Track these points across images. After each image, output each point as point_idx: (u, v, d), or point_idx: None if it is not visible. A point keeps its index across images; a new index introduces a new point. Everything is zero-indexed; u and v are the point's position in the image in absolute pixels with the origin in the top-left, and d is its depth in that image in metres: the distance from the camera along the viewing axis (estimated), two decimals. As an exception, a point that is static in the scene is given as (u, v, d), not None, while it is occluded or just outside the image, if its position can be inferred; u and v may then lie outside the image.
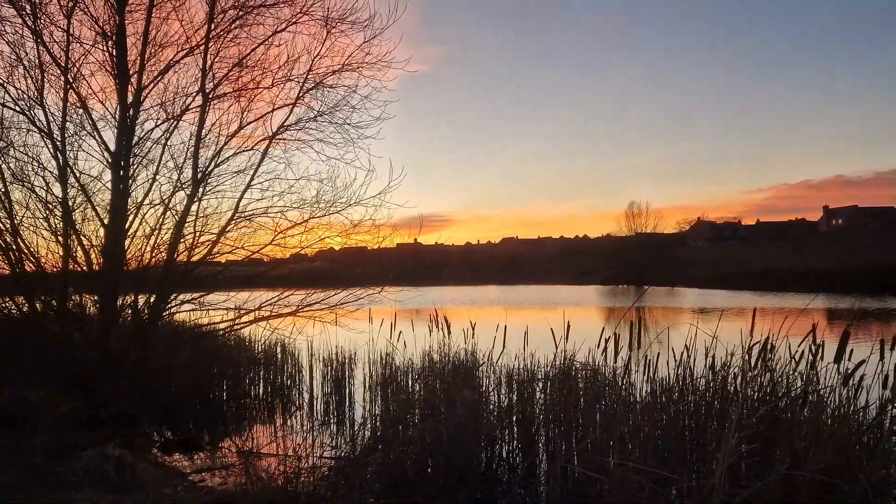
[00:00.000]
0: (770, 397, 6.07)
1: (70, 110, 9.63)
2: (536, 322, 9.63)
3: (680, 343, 7.13)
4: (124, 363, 9.21)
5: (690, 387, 6.84)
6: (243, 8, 9.80)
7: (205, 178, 9.93)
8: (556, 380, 8.05)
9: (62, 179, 9.52)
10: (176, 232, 9.82)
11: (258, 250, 10.40)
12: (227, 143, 10.12)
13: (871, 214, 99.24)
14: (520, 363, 8.78)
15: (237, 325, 10.51)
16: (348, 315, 10.49)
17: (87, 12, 9.46)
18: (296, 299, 10.35)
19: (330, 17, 9.95)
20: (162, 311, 9.88)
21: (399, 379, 10.51)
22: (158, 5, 9.63)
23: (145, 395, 9.75)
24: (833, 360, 5.63)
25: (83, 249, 9.66)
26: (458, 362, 9.77)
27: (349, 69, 10.24)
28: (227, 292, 10.85)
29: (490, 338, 9.31)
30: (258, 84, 10.26)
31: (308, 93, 10.31)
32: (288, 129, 10.33)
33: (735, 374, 6.52)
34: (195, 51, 9.81)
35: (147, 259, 9.91)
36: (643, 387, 7.31)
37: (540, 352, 8.66)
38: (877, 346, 5.62)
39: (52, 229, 9.68)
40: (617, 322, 7.75)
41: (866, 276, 47.35)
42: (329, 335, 11.27)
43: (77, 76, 9.59)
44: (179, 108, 9.97)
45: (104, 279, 9.44)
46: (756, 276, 58.83)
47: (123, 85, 9.49)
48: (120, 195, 9.51)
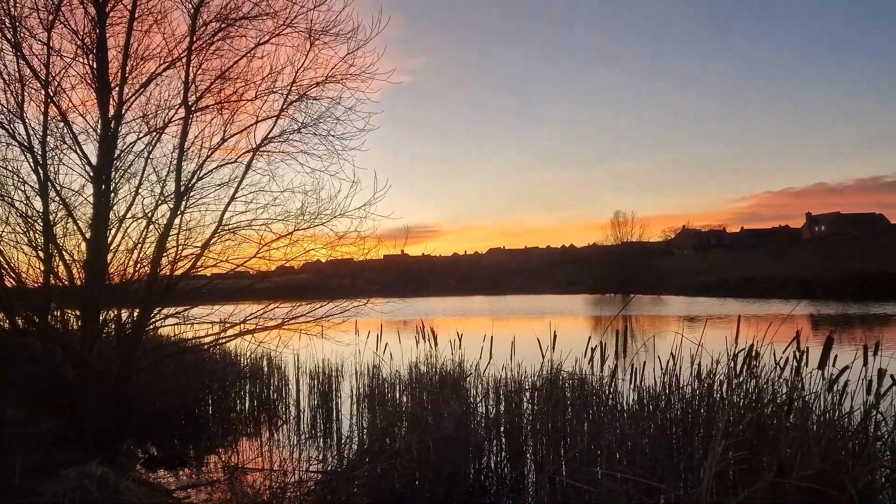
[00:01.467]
0: (756, 404, 6.10)
1: (51, 124, 9.54)
2: (523, 332, 9.63)
3: (666, 351, 7.16)
4: (106, 379, 9.09)
5: (677, 394, 6.86)
6: (226, 20, 9.77)
7: (188, 190, 9.86)
8: (543, 389, 8.05)
9: (43, 194, 9.42)
10: (159, 245, 9.73)
11: (243, 263, 10.32)
12: (210, 156, 10.07)
13: (853, 221, 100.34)
14: (507, 373, 8.77)
15: (222, 338, 10.41)
16: (334, 327, 10.43)
17: (67, 25, 9.39)
18: (281, 312, 10.28)
19: (313, 29, 9.95)
20: (145, 325, 9.77)
21: (386, 391, 10.47)
22: (140, 18, 9.59)
23: (128, 411, 9.64)
24: (817, 367, 5.67)
25: (65, 264, 9.55)
26: (445, 373, 9.75)
27: (333, 81, 10.23)
28: (211, 306, 10.76)
29: (477, 348, 9.30)
30: (241, 96, 10.23)
31: (292, 105, 10.29)
32: (272, 141, 10.29)
33: (721, 382, 6.55)
34: (177, 63, 9.77)
35: (130, 273, 9.81)
36: (630, 395, 7.33)
37: (527, 362, 8.66)
38: (860, 351, 5.66)
39: (32, 244, 9.56)
40: (603, 331, 7.76)
41: (849, 283, 47.82)
42: (315, 348, 11.21)
43: (58, 90, 9.51)
44: (162, 120, 9.92)
45: (86, 294, 9.32)
46: (741, 283, 59.26)
47: (105, 98, 9.42)
48: (102, 209, 9.42)
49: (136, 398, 10.12)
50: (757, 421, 5.69)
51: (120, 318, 9.70)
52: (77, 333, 9.59)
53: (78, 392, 8.94)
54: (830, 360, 5.61)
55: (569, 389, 7.98)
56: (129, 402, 9.68)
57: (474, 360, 9.33)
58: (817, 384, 5.75)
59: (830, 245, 78.87)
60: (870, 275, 49.29)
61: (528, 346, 8.56)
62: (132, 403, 9.87)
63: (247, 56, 10.04)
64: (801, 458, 4.58)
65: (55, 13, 9.25)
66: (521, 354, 8.79)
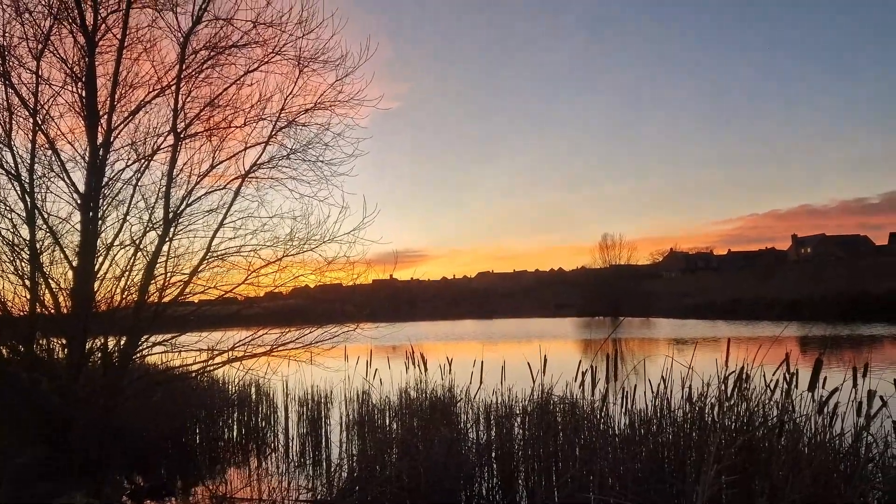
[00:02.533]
0: (747, 427, 6.09)
1: (39, 152, 9.53)
2: (513, 356, 9.60)
3: (656, 374, 7.15)
4: (93, 408, 8.97)
5: (668, 418, 6.85)
6: (215, 48, 9.83)
7: (176, 217, 9.83)
8: (534, 414, 8.01)
9: (30, 222, 9.36)
10: (147, 273, 9.67)
11: (231, 290, 10.27)
12: (199, 183, 10.06)
13: (838, 243, 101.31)
14: (497, 398, 8.73)
15: (210, 366, 10.32)
16: (324, 353, 10.37)
17: (56, 54, 9.43)
18: (270, 338, 10.21)
19: (302, 57, 10.02)
20: (132, 353, 9.68)
21: (376, 417, 10.38)
22: (129, 46, 9.63)
23: (115, 440, 9.50)
24: (807, 389, 5.69)
25: (51, 293, 9.47)
26: (435, 399, 9.70)
27: (322, 107, 10.29)
28: (199, 333, 10.67)
29: (467, 373, 9.27)
30: (230, 123, 10.27)
31: (281, 131, 10.33)
32: (261, 167, 10.31)
33: (712, 405, 6.54)
34: (166, 91, 9.80)
35: (117, 301, 9.73)
36: (621, 419, 7.30)
37: (517, 386, 8.63)
38: (849, 373, 5.69)
39: (18, 273, 9.48)
40: (593, 354, 7.76)
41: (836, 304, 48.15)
42: (304, 374, 11.12)
43: (46, 118, 9.51)
44: (151, 148, 9.92)
45: (72, 322, 9.23)
46: (729, 305, 59.52)
47: (93, 126, 9.42)
48: (89, 237, 9.37)
49: (122, 427, 9.97)
50: (748, 444, 5.68)
51: (106, 347, 9.61)
52: (63, 362, 9.49)
53: (64, 421, 8.81)
54: (820, 382, 5.63)
55: (560, 414, 7.95)
56: (116, 431, 9.55)
57: (464, 385, 9.29)
58: (808, 406, 5.77)
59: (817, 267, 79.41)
60: (856, 296, 49.67)
61: (519, 370, 8.54)
62: (119, 432, 9.73)
63: (236, 83, 10.11)
64: (792, 481, 4.57)
65: (44, 42, 9.29)
66: (512, 379, 8.76)
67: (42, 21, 9.32)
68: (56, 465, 8.49)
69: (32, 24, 9.29)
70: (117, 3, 9.42)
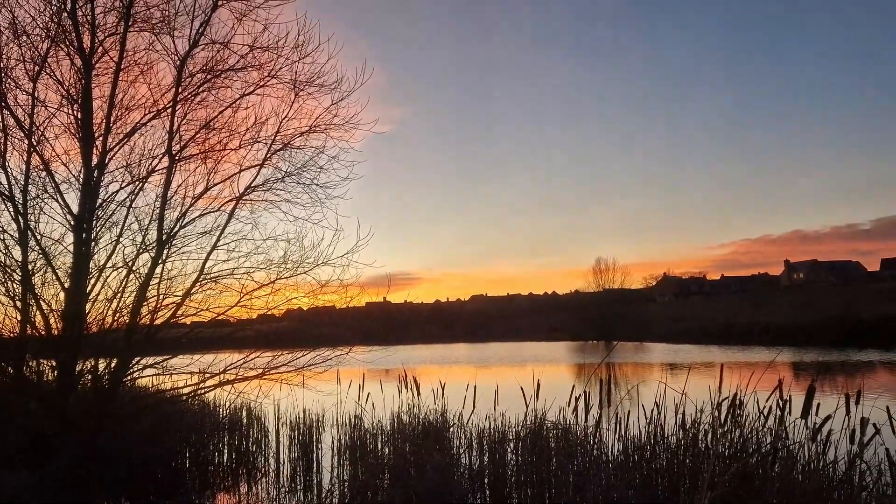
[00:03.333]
0: (741, 454, 6.08)
1: (33, 173, 9.53)
2: (506, 380, 9.58)
3: (650, 400, 7.14)
4: (81, 431, 8.87)
5: (662, 444, 6.82)
6: (212, 72, 9.90)
7: (170, 239, 9.82)
8: (527, 440, 7.97)
9: (22, 243, 9.33)
10: (139, 294, 9.63)
11: (224, 312, 10.23)
12: (193, 205, 10.07)
13: (830, 269, 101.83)
14: (490, 423, 8.69)
15: (201, 389, 10.24)
16: (316, 377, 10.32)
17: (52, 76, 9.48)
18: (262, 361, 10.15)
19: (298, 81, 10.11)
20: (123, 376, 9.60)
21: (368, 442, 10.30)
22: (126, 69, 9.69)
23: (103, 464, 9.38)
24: (801, 416, 5.68)
25: (42, 314, 9.41)
26: (427, 423, 9.63)
27: (317, 130, 10.36)
28: (191, 355, 10.60)
29: (460, 397, 9.23)
30: (226, 145, 10.31)
31: (276, 154, 10.38)
32: (255, 189, 10.33)
33: (706, 431, 6.53)
34: (162, 113, 9.84)
35: (109, 322, 9.68)
36: (615, 445, 7.27)
37: (511, 411, 8.59)
38: (842, 400, 5.69)
39: (10, 294, 9.42)
40: (587, 379, 7.75)
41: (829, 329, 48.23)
42: (296, 398, 11.04)
43: (41, 139, 9.52)
44: (145, 169, 9.94)
45: (63, 344, 9.17)
46: (723, 330, 59.53)
47: (88, 147, 9.44)
48: (82, 258, 9.34)
49: (111, 450, 9.85)
50: (742, 471, 5.66)
51: (97, 369, 9.53)
52: (52, 384, 9.40)
53: (51, 445, 8.71)
54: (813, 409, 5.63)
55: (553, 439, 7.91)
56: (104, 454, 9.43)
57: (457, 410, 9.25)
58: (801, 433, 5.76)
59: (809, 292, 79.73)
60: (849, 322, 49.78)
61: (512, 395, 8.51)
62: (107, 456, 9.61)
63: (232, 106, 10.18)
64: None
65: (41, 64, 9.34)
66: (505, 403, 8.72)
67: (39, 43, 9.39)
68: (43, 488, 8.37)
69: (30, 46, 9.35)
70: (115, 27, 9.49)
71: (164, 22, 9.61)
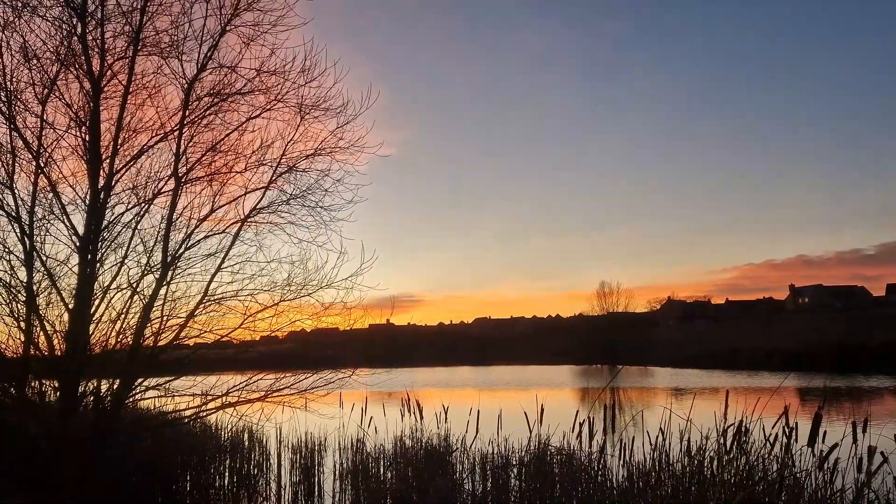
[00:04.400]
0: (747, 481, 6.01)
1: (40, 194, 9.56)
2: (510, 404, 9.52)
3: (655, 425, 7.09)
4: (82, 453, 8.82)
5: (667, 471, 6.76)
6: (219, 95, 9.98)
7: (175, 261, 9.83)
8: (531, 465, 7.91)
9: (28, 264, 9.35)
10: (143, 316, 9.62)
11: (227, 334, 10.19)
12: (198, 226, 10.09)
13: (835, 294, 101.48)
14: (494, 448, 8.63)
15: (204, 411, 10.18)
16: (319, 399, 10.27)
17: (61, 99, 9.55)
18: (265, 384, 10.11)
19: (304, 104, 10.18)
20: (125, 398, 9.56)
21: (370, 466, 10.23)
22: (134, 92, 9.76)
23: (102, 487, 9.31)
24: (807, 443, 5.63)
25: (45, 335, 9.40)
26: (430, 448, 9.58)
27: (322, 153, 10.41)
28: (193, 377, 10.58)
29: (463, 421, 9.17)
30: (231, 168, 10.35)
31: (281, 176, 10.41)
32: (260, 211, 10.36)
33: (711, 458, 6.47)
34: (169, 136, 9.89)
35: (112, 344, 9.66)
36: (619, 471, 7.21)
37: (514, 436, 8.54)
38: (849, 427, 5.64)
39: (14, 314, 9.42)
40: (591, 404, 7.69)
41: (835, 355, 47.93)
42: (298, 421, 10.99)
43: (49, 160, 9.57)
44: (151, 191, 9.96)
45: (66, 365, 9.15)
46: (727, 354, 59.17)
47: (95, 169, 9.49)
48: (86, 279, 9.35)
49: (111, 473, 9.80)
50: (748, 499, 5.60)
51: (99, 390, 9.50)
52: (54, 406, 9.37)
53: (51, 467, 8.66)
54: (820, 437, 5.58)
55: (557, 465, 7.85)
56: (105, 476, 9.37)
57: (460, 434, 9.19)
58: (808, 461, 5.71)
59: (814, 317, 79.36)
60: (855, 347, 49.48)
61: (515, 419, 8.45)
62: (108, 478, 9.54)
63: (238, 129, 10.23)
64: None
65: (50, 87, 9.42)
66: (508, 428, 8.67)
67: (49, 67, 9.48)
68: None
69: (39, 69, 9.44)
70: (124, 51, 9.58)
71: (173, 46, 9.71)
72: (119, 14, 9.41)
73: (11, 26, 9.20)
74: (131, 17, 9.41)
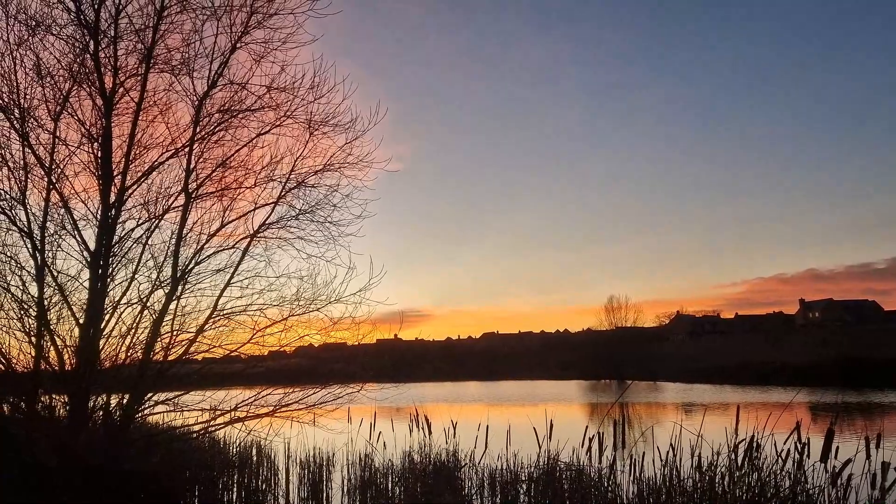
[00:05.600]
0: (759, 498, 5.96)
1: (52, 210, 9.65)
2: (518, 419, 9.49)
3: (665, 441, 7.04)
4: (91, 468, 8.83)
5: (678, 488, 6.71)
6: (229, 112, 10.07)
7: (184, 276, 9.88)
8: (540, 481, 7.87)
9: (39, 279, 9.42)
10: (153, 331, 9.66)
11: (236, 349, 10.23)
12: (208, 242, 10.14)
13: (846, 308, 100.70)
14: (503, 464, 8.59)
15: (212, 426, 10.19)
16: (327, 414, 10.25)
17: (74, 115, 9.66)
18: (273, 399, 10.12)
19: (313, 120, 10.25)
20: (135, 412, 9.58)
21: (379, 481, 10.19)
22: (145, 109, 9.86)
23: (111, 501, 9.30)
24: (820, 459, 5.58)
25: (56, 350, 9.44)
26: (439, 463, 9.54)
27: (331, 169, 10.47)
28: (202, 392, 10.58)
29: (472, 436, 9.14)
30: (241, 183, 10.42)
31: (290, 192, 10.47)
32: (269, 227, 10.41)
33: (722, 474, 6.42)
34: (180, 152, 9.97)
35: (122, 358, 9.69)
36: (629, 487, 7.16)
37: (523, 451, 8.50)
38: (862, 443, 5.59)
39: (25, 330, 9.47)
40: (600, 419, 7.67)
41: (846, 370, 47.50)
42: (306, 436, 10.97)
43: (61, 176, 9.67)
44: (162, 207, 10.04)
45: (76, 380, 9.18)
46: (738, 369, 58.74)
47: (107, 185, 9.57)
48: (97, 294, 9.40)
49: (119, 488, 9.79)
50: (760, 516, 5.55)
51: (109, 405, 9.52)
52: (64, 420, 9.39)
53: (61, 480, 8.66)
54: (832, 453, 5.53)
55: (566, 481, 7.80)
56: (112, 492, 9.36)
57: (469, 450, 9.15)
58: (820, 477, 5.65)
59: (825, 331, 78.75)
60: (867, 362, 49.05)
61: (524, 435, 8.42)
62: (115, 494, 9.54)
63: (248, 145, 10.31)
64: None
65: (63, 104, 9.54)
66: (517, 443, 8.63)
67: (62, 84, 9.59)
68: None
69: (53, 86, 9.56)
70: (136, 68, 9.70)
71: (184, 63, 9.82)
72: (131, 32, 9.54)
73: (26, 44, 9.34)
74: (143, 34, 9.54)
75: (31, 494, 8.86)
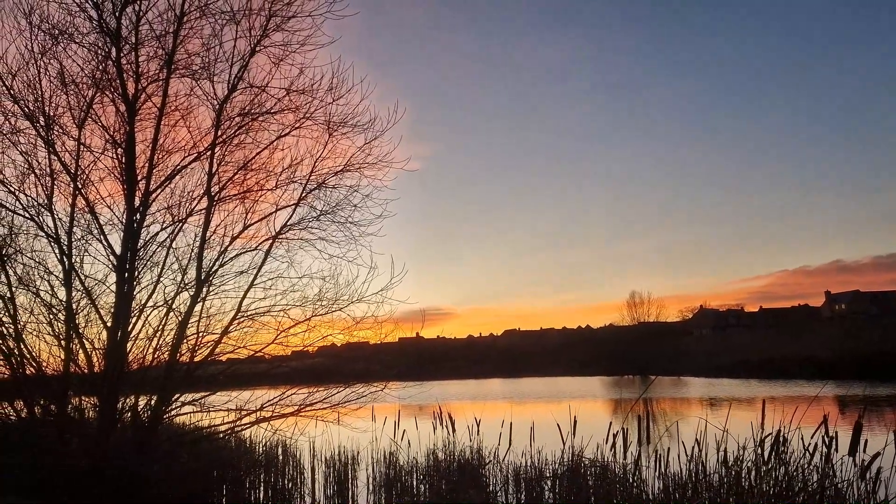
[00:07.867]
0: (787, 492, 5.91)
1: (78, 215, 9.82)
2: (542, 416, 9.48)
3: (690, 436, 7.01)
4: (122, 469, 8.97)
5: (704, 483, 6.67)
6: (249, 115, 10.17)
7: (208, 278, 10.00)
8: (564, 477, 7.87)
9: (67, 283, 9.59)
10: (179, 333, 9.80)
11: (261, 349, 10.34)
12: (231, 244, 10.26)
13: (872, 299, 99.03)
14: (527, 460, 8.60)
15: (238, 426, 10.31)
16: (351, 413, 10.33)
17: (97, 121, 9.82)
18: (298, 398, 10.21)
19: (332, 122, 10.32)
20: (163, 413, 9.72)
21: (403, 479, 10.24)
22: (167, 113, 9.99)
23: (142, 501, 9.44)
24: (848, 453, 5.52)
25: (85, 353, 9.62)
26: (463, 461, 9.57)
27: (351, 169, 10.53)
28: (228, 392, 10.70)
29: (496, 434, 9.15)
30: (262, 186, 10.52)
31: (311, 193, 10.56)
32: (291, 228, 10.51)
33: (749, 469, 6.37)
34: (202, 156, 10.10)
35: (149, 360, 9.85)
36: (655, 483, 7.13)
37: (547, 448, 8.49)
38: (891, 436, 5.53)
39: (54, 333, 9.66)
40: (624, 415, 7.63)
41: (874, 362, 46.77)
42: (331, 434, 11.05)
43: (86, 182, 9.83)
44: (185, 210, 10.17)
45: (105, 383, 9.34)
46: (763, 363, 58.11)
47: (131, 190, 9.72)
48: (124, 298, 9.55)
49: (150, 487, 9.94)
50: (788, 510, 5.51)
51: (137, 406, 9.67)
52: (94, 423, 9.55)
53: (92, 482, 8.81)
54: (861, 446, 5.47)
55: (591, 477, 7.79)
56: (144, 491, 9.51)
57: (493, 447, 9.16)
58: (849, 471, 5.60)
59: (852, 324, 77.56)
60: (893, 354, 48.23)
61: (548, 431, 8.41)
62: (146, 493, 9.68)
63: (268, 148, 10.41)
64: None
65: (87, 110, 9.69)
66: (541, 440, 8.63)
67: (86, 91, 9.75)
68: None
69: (76, 93, 9.72)
70: (157, 74, 9.83)
71: (204, 68, 9.93)
72: (152, 38, 9.67)
73: (49, 53, 9.50)
74: (164, 40, 9.66)
75: (65, 496, 9.01)
